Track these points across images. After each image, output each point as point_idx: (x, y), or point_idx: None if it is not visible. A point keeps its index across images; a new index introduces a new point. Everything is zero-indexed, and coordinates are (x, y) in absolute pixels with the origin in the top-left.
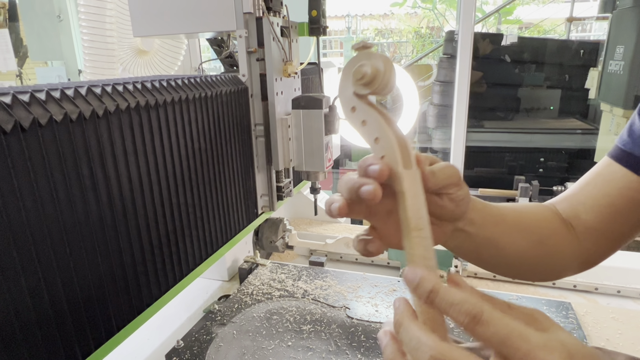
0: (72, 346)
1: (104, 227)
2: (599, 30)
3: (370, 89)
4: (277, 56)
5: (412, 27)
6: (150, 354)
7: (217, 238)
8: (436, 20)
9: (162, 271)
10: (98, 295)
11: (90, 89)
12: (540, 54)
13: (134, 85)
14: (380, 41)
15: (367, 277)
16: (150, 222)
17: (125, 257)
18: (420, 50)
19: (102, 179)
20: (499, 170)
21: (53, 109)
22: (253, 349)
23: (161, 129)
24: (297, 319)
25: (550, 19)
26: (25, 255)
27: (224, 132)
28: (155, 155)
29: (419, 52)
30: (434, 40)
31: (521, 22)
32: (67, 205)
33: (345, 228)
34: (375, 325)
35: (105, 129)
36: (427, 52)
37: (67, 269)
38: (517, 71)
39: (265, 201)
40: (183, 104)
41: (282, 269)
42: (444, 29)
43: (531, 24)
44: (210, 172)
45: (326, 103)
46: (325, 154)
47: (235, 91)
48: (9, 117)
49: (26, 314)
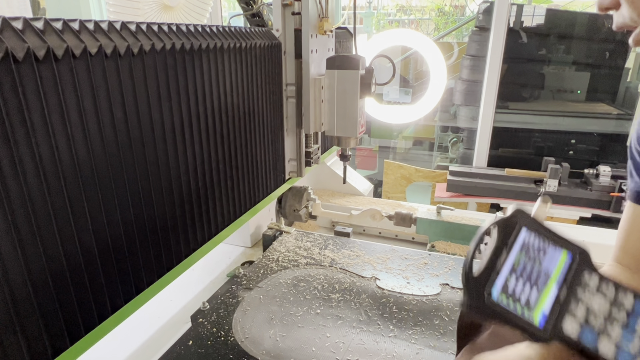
0: (102, 297)
1: (136, 175)
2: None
3: None
4: (313, 11)
5: (435, 4)
6: (174, 314)
7: (245, 200)
8: None
9: (192, 228)
10: (129, 246)
11: (125, 24)
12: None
13: (169, 26)
14: (402, 18)
15: (397, 249)
16: (182, 175)
17: (156, 209)
18: (442, 28)
19: (136, 124)
20: (526, 151)
21: (88, 40)
22: (281, 314)
23: (195, 76)
24: (325, 287)
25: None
26: (58, 200)
27: (255, 89)
28: (189, 104)
29: (441, 30)
30: (457, 19)
31: (551, 1)
32: (100, 146)
33: (370, 201)
34: (407, 297)
35: (140, 68)
36: (450, 30)
37: (99, 216)
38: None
39: (293, 166)
40: (218, 52)
41: (308, 237)
42: (469, 6)
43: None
44: (240, 130)
45: (362, 64)
46: (358, 118)
47: (268, 46)
48: (42, 44)
49: (57, 262)
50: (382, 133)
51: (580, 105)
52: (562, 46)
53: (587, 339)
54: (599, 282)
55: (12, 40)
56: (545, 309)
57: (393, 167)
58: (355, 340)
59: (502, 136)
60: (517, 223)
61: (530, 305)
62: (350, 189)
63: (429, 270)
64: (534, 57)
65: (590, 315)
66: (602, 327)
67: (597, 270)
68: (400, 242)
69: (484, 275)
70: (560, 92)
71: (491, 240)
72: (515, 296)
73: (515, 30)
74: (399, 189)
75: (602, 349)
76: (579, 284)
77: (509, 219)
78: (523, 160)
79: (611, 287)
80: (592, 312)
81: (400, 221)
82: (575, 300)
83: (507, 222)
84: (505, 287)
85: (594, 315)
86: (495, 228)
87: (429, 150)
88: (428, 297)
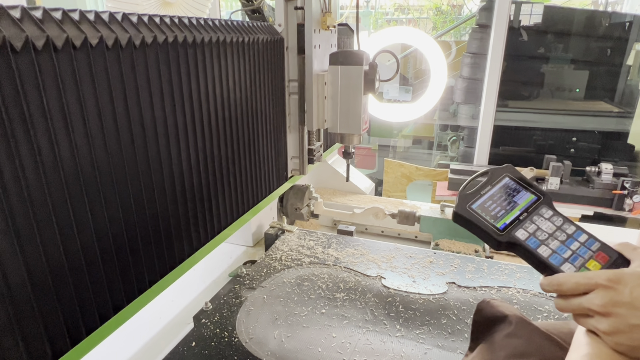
0: (104, 297)
1: (138, 172)
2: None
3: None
4: (316, 5)
5: (433, 3)
6: (176, 315)
7: (247, 199)
8: None
9: (193, 227)
10: (130, 246)
11: (126, 15)
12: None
13: (171, 19)
14: (400, 17)
15: (401, 247)
16: (185, 173)
17: (157, 207)
18: (440, 28)
19: (138, 119)
20: (527, 149)
21: (88, 30)
22: (285, 314)
23: (198, 70)
24: (330, 286)
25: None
26: (57, 197)
27: (257, 85)
28: (191, 99)
29: (439, 29)
30: (455, 18)
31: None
32: (101, 142)
33: (372, 199)
34: (414, 296)
35: (142, 61)
36: (448, 29)
37: (100, 214)
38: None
39: (296, 164)
40: (220, 46)
41: (310, 236)
42: (467, 6)
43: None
44: (242, 127)
45: (366, 60)
46: (362, 115)
47: (270, 41)
48: (41, 33)
49: (57, 262)
50: (381, 132)
51: (579, 104)
52: (561, 45)
53: (530, 242)
54: (552, 214)
55: (10, 29)
56: (507, 222)
57: (393, 165)
58: (362, 340)
59: (503, 134)
60: (504, 172)
61: (497, 217)
62: (352, 187)
63: (434, 268)
64: (533, 55)
65: (537, 231)
66: (544, 239)
67: (554, 208)
68: (403, 241)
69: (472, 195)
70: (560, 91)
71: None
72: (489, 211)
73: (515, 29)
74: (399, 188)
75: (541, 251)
76: (536, 213)
77: (499, 169)
78: (524, 159)
79: (561, 219)
80: (540, 229)
81: (404, 219)
82: (530, 221)
83: (497, 171)
84: (483, 204)
85: (541, 232)
86: (487, 172)
87: (428, 149)
88: (435, 296)
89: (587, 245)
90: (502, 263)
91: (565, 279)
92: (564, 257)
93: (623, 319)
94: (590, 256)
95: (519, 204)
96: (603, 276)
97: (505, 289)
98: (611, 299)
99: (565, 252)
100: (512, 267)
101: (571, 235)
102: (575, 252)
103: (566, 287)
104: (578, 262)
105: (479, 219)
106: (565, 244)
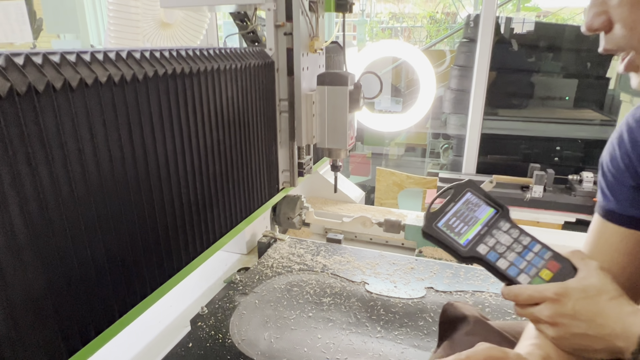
0: (111, 302)
1: (140, 190)
2: None
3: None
4: (304, 31)
5: (427, 12)
6: (175, 318)
7: (240, 210)
8: (452, 5)
9: (191, 237)
10: (134, 256)
11: (130, 53)
12: (557, 41)
13: (169, 52)
14: (394, 25)
15: (385, 255)
16: (183, 189)
17: (158, 220)
18: (434, 36)
19: (140, 144)
20: (514, 157)
21: (98, 70)
22: (275, 317)
23: (194, 97)
24: (317, 291)
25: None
26: (71, 214)
27: (250, 106)
28: (188, 123)
29: (433, 37)
30: (449, 26)
31: (539, 9)
32: (109, 167)
33: (361, 208)
34: (394, 300)
35: (144, 93)
36: (441, 38)
37: (109, 228)
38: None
39: (286, 177)
40: (215, 73)
41: (301, 244)
42: (460, 14)
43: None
44: (236, 145)
45: (351, 80)
46: (348, 131)
47: (262, 65)
48: (59, 76)
49: (72, 271)
50: (374, 140)
51: (568, 112)
52: (551, 54)
53: (491, 256)
54: (509, 227)
55: (34, 74)
56: (469, 237)
57: (385, 174)
58: (345, 341)
59: (491, 143)
60: (466, 188)
61: (460, 234)
62: (343, 196)
63: (415, 274)
64: (523, 65)
65: (497, 244)
66: (502, 252)
67: (511, 220)
68: (391, 248)
69: (437, 213)
70: (550, 99)
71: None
72: (452, 228)
73: (506, 39)
74: (391, 195)
75: (499, 264)
76: (495, 227)
77: (462, 185)
78: (511, 167)
79: (517, 231)
80: (499, 243)
81: (390, 228)
82: (490, 235)
83: (460, 186)
84: (447, 222)
85: (499, 245)
86: (451, 189)
87: (422, 157)
88: (413, 300)
89: (540, 255)
90: (477, 269)
91: (520, 292)
92: (520, 268)
93: (566, 328)
94: (543, 265)
95: (480, 219)
96: (551, 290)
97: (479, 293)
98: (556, 311)
99: (521, 264)
100: (487, 273)
101: (526, 246)
102: (529, 262)
103: (521, 298)
104: (532, 271)
105: (443, 236)
106: (521, 255)
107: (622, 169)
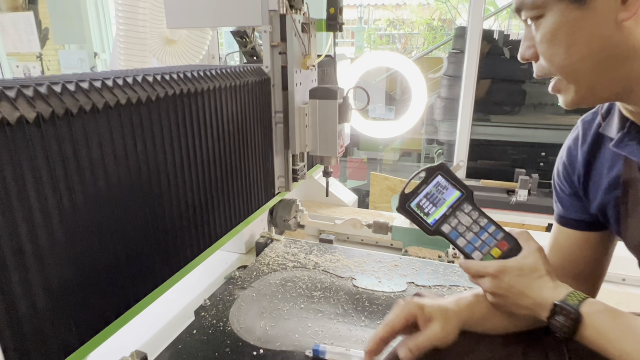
0: (124, 293)
1: (151, 196)
2: None
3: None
4: (297, 50)
5: (424, 19)
6: (180, 310)
7: (239, 213)
8: (448, 12)
9: (194, 237)
10: (145, 253)
11: (135, 78)
12: None
13: (177, 74)
14: (392, 32)
15: (372, 254)
16: (188, 194)
17: (165, 222)
18: (431, 43)
19: (153, 155)
20: (502, 163)
21: (107, 95)
22: (270, 309)
23: (199, 113)
24: (309, 286)
25: None
26: (87, 220)
27: (248, 118)
28: (193, 136)
29: (430, 44)
30: (445, 33)
31: None
32: (116, 174)
33: (353, 211)
34: (378, 293)
35: (156, 112)
36: (437, 45)
37: (122, 230)
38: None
39: (282, 182)
40: (217, 92)
41: (295, 244)
42: (456, 21)
43: None
44: (235, 153)
45: (340, 94)
46: (338, 140)
47: (259, 81)
48: (75, 102)
49: (89, 266)
50: (370, 146)
51: (559, 118)
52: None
53: (452, 235)
54: (470, 210)
55: (56, 101)
56: (436, 217)
57: (379, 178)
58: (332, 329)
59: (481, 149)
60: (437, 171)
61: (429, 214)
62: (336, 200)
63: (398, 271)
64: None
65: (458, 225)
66: (462, 232)
67: (473, 203)
68: (380, 248)
69: (410, 195)
70: (542, 105)
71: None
72: (422, 208)
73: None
74: (384, 199)
75: (459, 242)
76: (459, 209)
77: (433, 168)
78: (500, 172)
79: (477, 213)
80: (460, 224)
81: (378, 229)
82: (454, 216)
83: (431, 169)
84: (418, 203)
85: (460, 225)
86: (423, 172)
87: (417, 162)
88: (395, 293)
89: (493, 235)
90: (455, 266)
91: (470, 266)
92: (475, 246)
93: (501, 298)
94: (494, 244)
95: (447, 201)
96: (493, 267)
97: (455, 287)
98: (495, 285)
99: (476, 242)
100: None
101: (483, 227)
102: (484, 241)
103: (470, 272)
104: (485, 249)
105: (414, 216)
106: (477, 235)
107: (562, 179)
